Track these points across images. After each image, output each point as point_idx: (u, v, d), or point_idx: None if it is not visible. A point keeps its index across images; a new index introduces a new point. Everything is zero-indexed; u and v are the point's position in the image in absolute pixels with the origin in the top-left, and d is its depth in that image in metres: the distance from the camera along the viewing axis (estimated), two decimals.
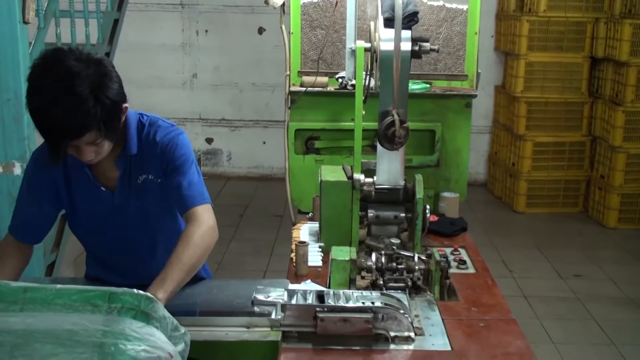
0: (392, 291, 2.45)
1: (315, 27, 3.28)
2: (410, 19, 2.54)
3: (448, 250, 2.91)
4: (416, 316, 2.30)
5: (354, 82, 3.14)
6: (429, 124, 3.32)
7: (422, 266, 2.50)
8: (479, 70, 3.32)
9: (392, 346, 2.11)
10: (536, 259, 5.54)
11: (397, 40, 2.54)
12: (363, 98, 2.73)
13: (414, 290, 2.49)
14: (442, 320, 2.29)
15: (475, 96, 3.33)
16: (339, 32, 3.27)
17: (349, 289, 2.47)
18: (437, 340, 2.15)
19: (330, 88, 3.30)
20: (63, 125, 1.89)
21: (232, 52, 7.34)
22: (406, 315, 2.14)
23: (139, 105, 8.42)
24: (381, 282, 2.47)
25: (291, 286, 2.45)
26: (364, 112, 2.77)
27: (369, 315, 2.11)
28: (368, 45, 2.70)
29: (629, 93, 5.96)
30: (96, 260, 2.48)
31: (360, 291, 2.27)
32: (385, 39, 2.57)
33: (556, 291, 4.96)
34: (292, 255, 2.79)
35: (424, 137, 3.37)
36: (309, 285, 2.51)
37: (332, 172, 2.90)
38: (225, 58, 7.37)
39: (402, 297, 2.42)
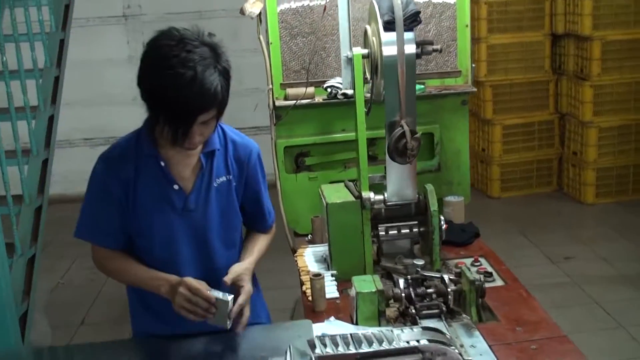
0: (427, 320, 2.24)
1: (295, 36, 3.02)
2: (413, 20, 2.32)
3: (468, 262, 2.72)
4: (461, 346, 2.09)
5: (345, 91, 2.92)
6: (427, 127, 3.10)
7: (454, 287, 2.30)
8: (473, 64, 3.13)
9: None
10: (523, 245, 5.42)
11: (400, 43, 2.32)
12: (366, 110, 2.50)
13: (449, 314, 2.28)
14: (490, 346, 2.09)
15: (473, 92, 3.14)
16: (321, 40, 3.02)
17: (379, 322, 2.25)
18: None
19: (318, 99, 3.06)
20: (211, 92, 1.86)
21: None
22: (454, 349, 1.93)
23: (89, 126, 7.95)
24: (413, 311, 2.26)
25: (317, 328, 2.22)
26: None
27: (416, 357, 1.89)
28: (365, 51, 2.47)
29: (595, 67, 5.88)
30: (149, 299, 2.18)
31: (399, 328, 2.05)
32: (387, 43, 2.34)
33: (551, 277, 4.83)
34: (305, 289, 2.55)
35: (422, 141, 3.15)
36: (335, 324, 2.27)
37: (335, 192, 2.67)
38: None
39: (439, 325, 2.21)
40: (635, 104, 5.99)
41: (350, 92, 2.91)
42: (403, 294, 2.27)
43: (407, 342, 1.94)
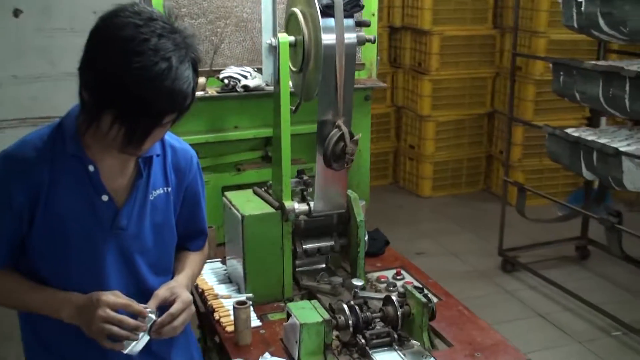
0: (377, 350, 1.96)
1: (182, 17, 2.56)
2: (354, 5, 2.00)
3: (389, 275, 2.48)
4: None
5: (246, 82, 2.54)
6: None
7: (401, 310, 2.03)
8: (378, 57, 2.88)
9: None
10: None
11: (340, 31, 2.00)
12: (293, 107, 2.15)
13: (398, 342, 2.01)
14: None
15: (379, 87, 2.88)
16: (213, 24, 2.59)
17: (324, 356, 1.93)
18: None
19: (210, 91, 2.63)
20: (184, 90, 1.48)
21: None
22: None
23: None
24: (363, 341, 1.95)
25: None
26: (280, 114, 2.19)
27: None
28: (293, 38, 2.11)
29: (434, 61, 5.93)
30: (45, 333, 1.71)
31: None
32: (325, 30, 2.00)
33: None
34: (219, 317, 2.15)
35: None
36: None
37: (247, 201, 2.29)
38: None
39: (393, 356, 1.94)
40: (470, 99, 6.14)
41: (252, 84, 2.54)
42: (350, 322, 1.96)
43: None
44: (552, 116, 5.52)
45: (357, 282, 2.13)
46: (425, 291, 2.30)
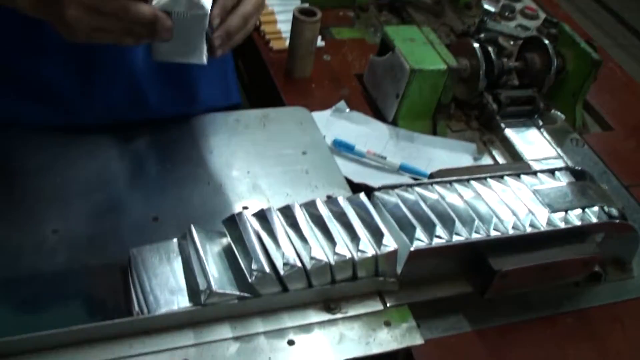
0: (510, 122, 1.26)
1: None
2: None
3: None
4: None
5: None
6: None
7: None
8: None
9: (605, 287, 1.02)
10: None
11: None
12: None
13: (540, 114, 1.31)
14: (626, 188, 1.20)
15: None
16: None
17: (434, 125, 1.22)
18: None
19: None
20: None
21: None
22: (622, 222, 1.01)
23: None
24: (494, 107, 1.23)
25: (320, 121, 1.14)
26: None
27: (593, 248, 0.95)
28: None
29: None
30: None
31: (526, 166, 1.04)
32: None
33: None
34: (260, 24, 1.37)
35: None
36: (351, 119, 1.18)
37: None
38: None
39: (533, 135, 1.25)
40: None
41: None
42: (481, 71, 1.22)
43: (565, 212, 0.97)
44: None
45: (489, 6, 1.32)
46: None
